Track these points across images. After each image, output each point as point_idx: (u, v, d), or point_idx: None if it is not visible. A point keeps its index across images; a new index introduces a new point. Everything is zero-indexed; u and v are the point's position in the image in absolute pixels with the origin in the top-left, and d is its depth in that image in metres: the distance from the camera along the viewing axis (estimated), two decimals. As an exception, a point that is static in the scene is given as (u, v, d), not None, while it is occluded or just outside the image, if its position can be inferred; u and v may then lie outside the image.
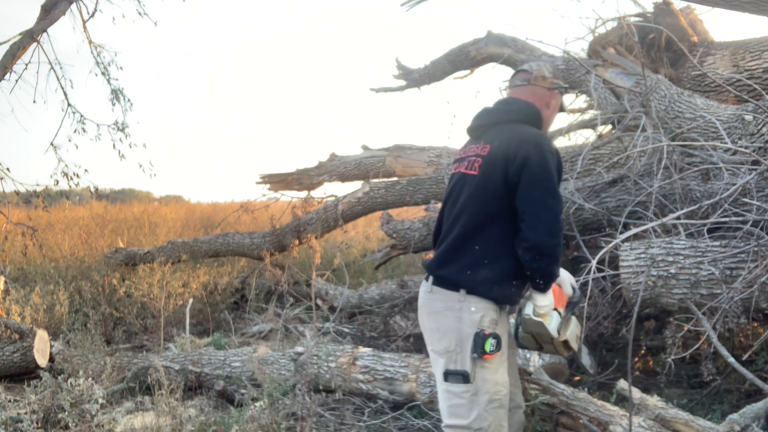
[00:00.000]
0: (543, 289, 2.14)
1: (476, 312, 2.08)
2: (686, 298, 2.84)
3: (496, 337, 2.06)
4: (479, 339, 2.04)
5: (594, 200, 3.90)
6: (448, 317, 2.11)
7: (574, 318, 2.30)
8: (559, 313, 2.24)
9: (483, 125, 2.29)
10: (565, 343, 2.21)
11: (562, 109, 2.38)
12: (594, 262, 2.70)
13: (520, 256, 2.05)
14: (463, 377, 2.06)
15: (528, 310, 2.19)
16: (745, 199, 2.95)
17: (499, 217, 2.08)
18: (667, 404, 2.48)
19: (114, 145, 5.86)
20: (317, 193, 7.17)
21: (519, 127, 2.16)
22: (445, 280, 2.14)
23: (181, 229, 9.67)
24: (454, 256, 2.14)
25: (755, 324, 3.41)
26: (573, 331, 2.25)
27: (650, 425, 2.36)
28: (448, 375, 2.10)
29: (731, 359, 2.53)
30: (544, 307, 2.17)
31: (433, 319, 2.17)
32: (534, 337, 2.22)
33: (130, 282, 5.65)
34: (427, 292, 2.21)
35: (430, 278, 2.20)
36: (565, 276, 2.30)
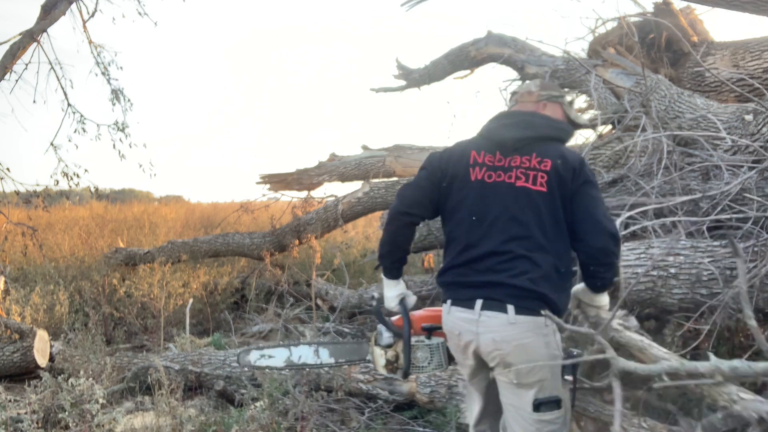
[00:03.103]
0: (606, 288, 2.13)
1: (556, 332, 1.98)
2: (686, 298, 2.84)
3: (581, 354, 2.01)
4: (577, 363, 1.98)
5: (594, 200, 3.89)
6: (538, 346, 1.95)
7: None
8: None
9: (530, 137, 2.10)
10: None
11: (573, 123, 2.27)
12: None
13: (591, 265, 2.03)
14: (557, 404, 1.97)
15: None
16: (746, 194, 2.95)
17: (565, 234, 2.03)
18: (633, 330, 2.41)
19: (114, 145, 5.85)
20: (317, 193, 7.17)
21: (565, 148, 2.12)
22: (531, 308, 1.94)
23: (181, 229, 9.67)
24: (537, 280, 1.95)
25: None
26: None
27: (651, 425, 2.36)
28: (541, 405, 1.95)
29: (752, 322, 2.37)
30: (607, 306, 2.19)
31: (523, 351, 1.94)
32: None
33: (130, 282, 5.65)
34: (509, 324, 1.94)
35: (510, 308, 1.94)
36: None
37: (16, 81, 5.30)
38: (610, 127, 4.98)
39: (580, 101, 5.70)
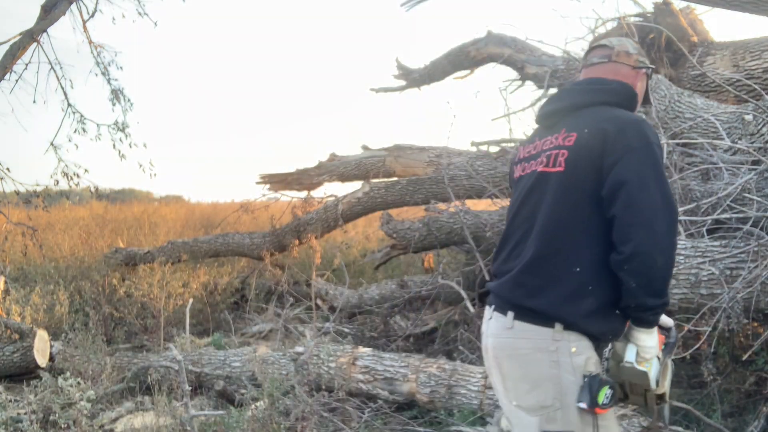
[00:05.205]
0: (651, 323, 1.63)
1: (578, 354, 1.61)
2: (686, 298, 2.84)
3: (614, 387, 1.59)
4: (594, 383, 1.57)
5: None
6: (540, 362, 1.63)
7: (670, 363, 1.78)
8: (659, 359, 1.71)
9: (561, 109, 1.77)
10: (662, 395, 1.75)
11: (647, 98, 1.88)
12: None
13: (623, 279, 1.56)
14: None
15: (630, 355, 1.65)
16: (746, 194, 2.95)
17: (600, 228, 1.59)
18: None
19: (114, 145, 5.86)
20: (317, 193, 7.18)
21: (613, 111, 1.67)
22: (534, 314, 1.64)
23: (181, 229, 9.67)
24: (545, 282, 1.64)
25: (755, 324, 3.41)
26: (669, 381, 1.78)
27: (650, 425, 2.36)
28: None
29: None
30: (651, 349, 1.64)
31: (518, 364, 1.67)
32: (623, 387, 1.72)
33: (130, 282, 5.66)
34: (506, 329, 1.68)
35: (510, 311, 1.68)
36: None
37: (16, 81, 5.31)
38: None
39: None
